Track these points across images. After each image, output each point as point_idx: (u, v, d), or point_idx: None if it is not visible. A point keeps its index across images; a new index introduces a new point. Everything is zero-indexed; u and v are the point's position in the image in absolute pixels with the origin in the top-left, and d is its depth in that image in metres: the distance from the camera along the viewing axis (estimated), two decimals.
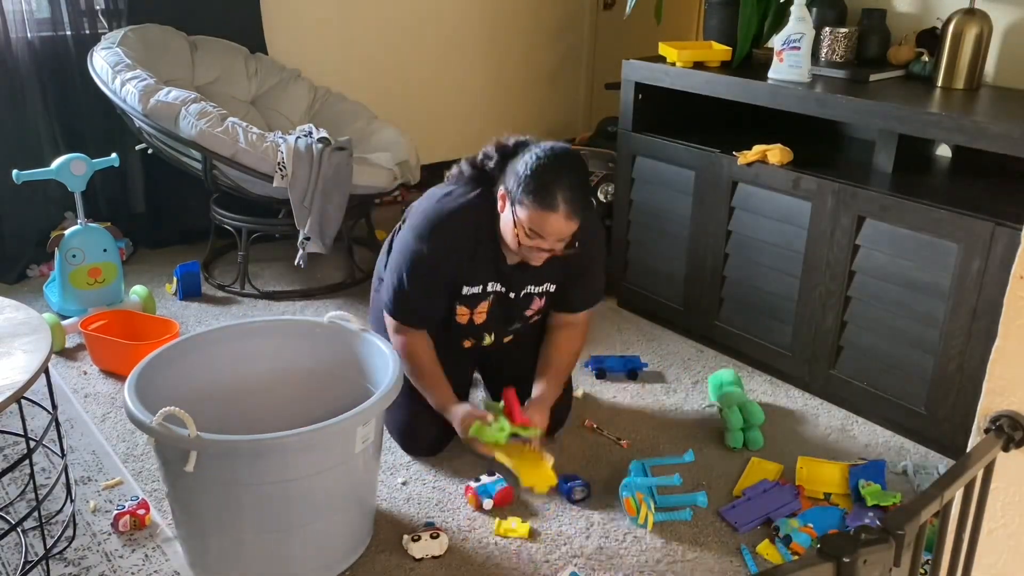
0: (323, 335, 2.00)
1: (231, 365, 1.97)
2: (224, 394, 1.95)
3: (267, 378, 2.01)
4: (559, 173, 1.83)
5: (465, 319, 2.07)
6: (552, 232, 1.85)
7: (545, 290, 2.09)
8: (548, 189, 1.81)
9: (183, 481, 1.64)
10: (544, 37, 4.62)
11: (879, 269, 2.25)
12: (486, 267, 2.02)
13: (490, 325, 2.11)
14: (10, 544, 1.84)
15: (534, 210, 1.82)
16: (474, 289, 2.03)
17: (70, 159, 2.72)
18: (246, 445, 1.58)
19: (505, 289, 2.05)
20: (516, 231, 1.87)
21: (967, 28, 2.37)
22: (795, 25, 2.44)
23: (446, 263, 1.98)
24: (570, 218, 1.83)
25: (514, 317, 2.12)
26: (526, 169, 1.83)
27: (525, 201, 1.83)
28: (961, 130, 2.07)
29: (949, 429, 2.17)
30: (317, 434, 1.60)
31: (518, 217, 1.85)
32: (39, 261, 3.22)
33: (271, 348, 2.01)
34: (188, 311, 2.97)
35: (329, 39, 3.87)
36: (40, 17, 3.13)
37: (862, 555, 0.84)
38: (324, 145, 2.79)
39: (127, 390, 1.67)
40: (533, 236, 1.86)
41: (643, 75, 2.80)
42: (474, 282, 2.02)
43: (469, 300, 2.05)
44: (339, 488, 1.72)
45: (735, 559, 1.87)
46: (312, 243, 2.87)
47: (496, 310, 2.08)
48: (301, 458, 1.62)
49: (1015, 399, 1.11)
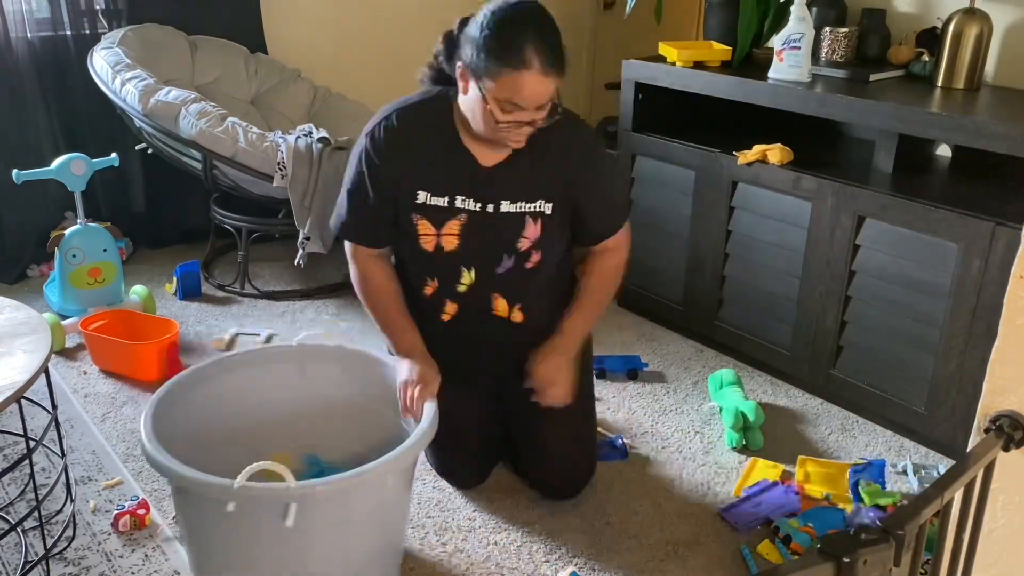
0: (350, 362, 1.88)
1: (251, 394, 1.85)
2: (243, 426, 1.83)
3: (288, 408, 1.88)
4: (523, 24, 1.55)
5: (431, 244, 1.72)
6: (530, 95, 1.55)
7: (539, 210, 1.73)
8: (515, 44, 1.53)
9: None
10: None
11: (879, 269, 2.25)
12: (453, 174, 1.69)
13: (466, 255, 1.74)
14: (10, 544, 1.84)
15: (504, 73, 1.53)
16: (437, 200, 1.70)
17: (70, 159, 2.72)
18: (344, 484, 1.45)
19: (481, 205, 1.71)
20: (488, 108, 1.57)
21: (967, 28, 2.37)
22: (795, 25, 2.44)
23: (396, 157, 1.68)
24: (547, 73, 1.55)
25: (501, 246, 1.74)
26: (482, 31, 1.55)
27: (491, 66, 1.54)
28: (961, 130, 2.07)
29: (949, 429, 2.17)
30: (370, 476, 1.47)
31: (487, 88, 1.56)
32: (39, 261, 3.22)
33: (293, 375, 1.88)
34: (188, 311, 2.97)
35: (329, 39, 3.87)
36: (40, 17, 3.13)
37: (862, 555, 0.84)
38: (324, 145, 2.79)
39: (147, 432, 1.53)
40: (509, 108, 1.56)
41: (643, 75, 2.80)
42: (437, 190, 1.69)
43: (431, 213, 1.70)
44: (378, 526, 1.63)
45: (735, 559, 1.87)
46: (312, 243, 2.87)
47: (472, 235, 1.72)
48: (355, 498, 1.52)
49: (1015, 399, 1.11)
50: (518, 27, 1.54)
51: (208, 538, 1.57)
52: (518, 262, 1.75)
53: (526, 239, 1.73)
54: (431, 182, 1.69)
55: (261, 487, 1.42)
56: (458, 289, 1.77)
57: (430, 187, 1.69)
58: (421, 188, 1.69)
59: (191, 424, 1.72)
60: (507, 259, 1.74)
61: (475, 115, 1.61)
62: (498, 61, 1.53)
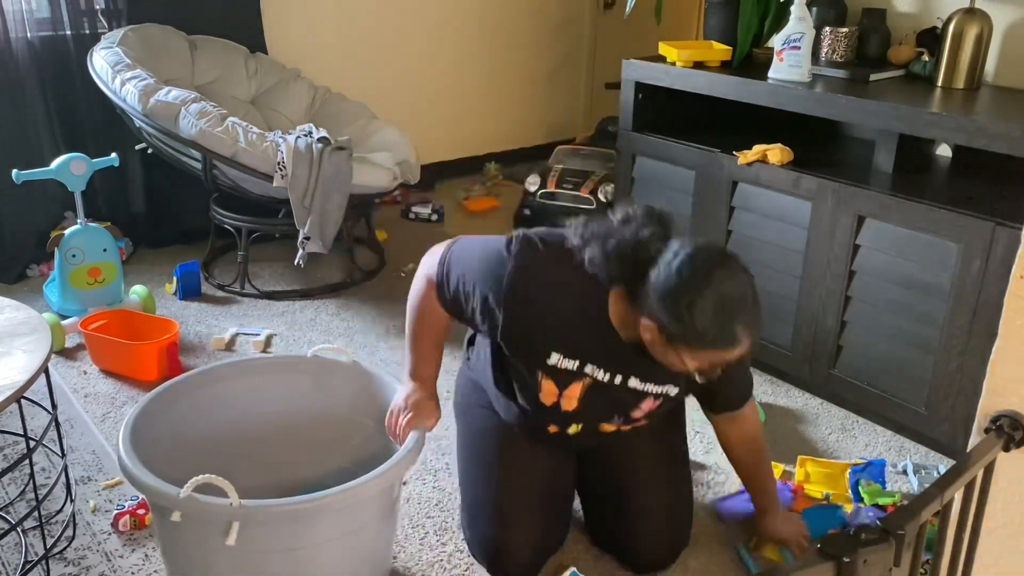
0: (341, 374, 1.84)
1: (236, 406, 1.81)
2: (226, 441, 1.80)
3: (275, 422, 1.84)
4: (728, 299, 1.38)
5: (551, 400, 1.64)
6: (730, 360, 1.45)
7: (664, 392, 1.67)
8: (727, 329, 1.38)
9: (214, 554, 1.46)
10: (544, 37, 4.62)
11: (879, 269, 2.25)
12: (590, 341, 1.57)
13: (581, 416, 1.68)
14: (10, 544, 1.84)
15: (712, 352, 1.42)
16: (568, 363, 1.59)
17: (70, 159, 2.72)
18: (293, 508, 1.42)
19: (610, 377, 1.61)
20: (679, 360, 1.46)
21: (967, 28, 2.37)
22: (795, 25, 2.44)
23: (535, 308, 1.55)
24: (750, 344, 1.43)
25: (614, 413, 1.68)
26: (682, 301, 1.37)
27: (696, 346, 1.41)
28: (961, 130, 2.07)
29: (949, 429, 2.17)
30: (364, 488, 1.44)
31: (686, 358, 1.44)
32: (39, 261, 3.22)
33: (282, 387, 1.85)
34: (188, 311, 2.97)
35: (329, 39, 3.87)
36: (40, 17, 3.13)
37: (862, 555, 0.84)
38: (324, 145, 2.79)
39: (124, 444, 1.50)
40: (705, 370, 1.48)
41: (643, 75, 2.80)
42: (570, 353, 1.58)
43: (558, 376, 1.61)
44: (366, 549, 1.60)
45: (735, 559, 1.87)
46: (312, 243, 2.87)
47: (592, 400, 1.65)
48: (342, 517, 1.48)
49: (1015, 399, 1.11)
50: (729, 308, 1.38)
51: (166, 546, 1.57)
52: (626, 423, 1.72)
53: (640, 411, 1.69)
54: (566, 344, 1.58)
55: (205, 500, 1.38)
56: (568, 431, 1.73)
57: (564, 349, 1.58)
58: (555, 350, 1.58)
59: (178, 431, 1.71)
60: (617, 419, 1.70)
61: (669, 365, 1.49)
62: (710, 344, 1.40)
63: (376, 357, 2.68)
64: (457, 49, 4.36)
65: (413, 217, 3.93)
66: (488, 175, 4.50)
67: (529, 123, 4.79)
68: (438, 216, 3.93)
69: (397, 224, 3.86)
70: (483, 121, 4.61)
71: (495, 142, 4.68)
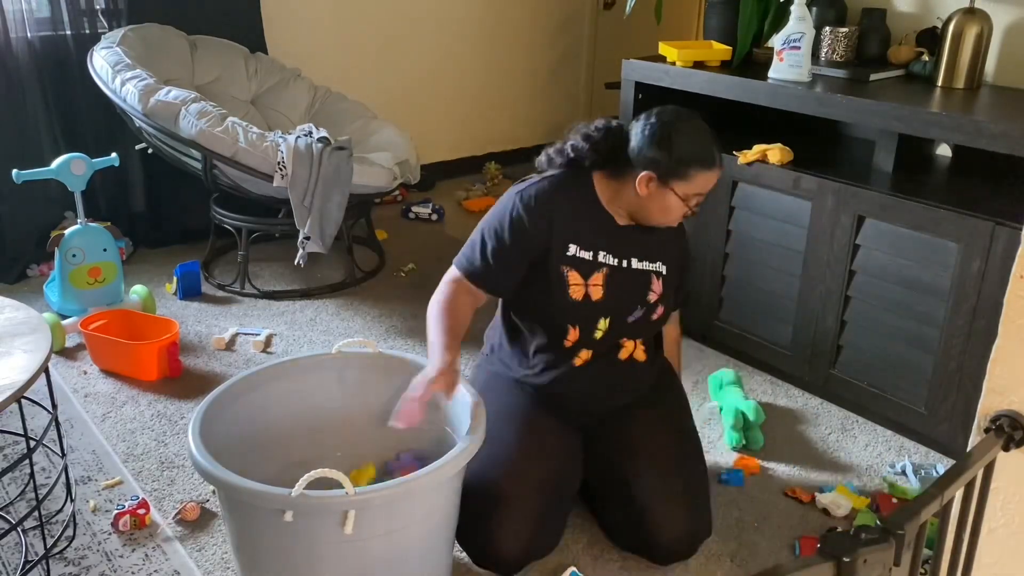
0: (396, 369, 1.84)
1: (295, 402, 1.84)
2: (286, 433, 1.82)
3: (336, 415, 1.87)
4: (699, 130, 1.76)
5: (580, 294, 1.81)
6: (713, 186, 1.78)
7: (659, 270, 1.89)
8: (705, 149, 1.73)
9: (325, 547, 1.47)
10: (544, 37, 4.63)
11: (879, 269, 2.25)
12: (595, 230, 1.83)
13: (606, 305, 1.83)
14: (10, 544, 1.84)
15: (702, 174, 1.73)
16: (585, 254, 1.82)
17: (70, 159, 2.72)
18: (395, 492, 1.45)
19: (617, 260, 1.85)
20: (679, 203, 1.75)
21: (967, 28, 2.37)
22: (795, 25, 2.44)
23: (547, 217, 1.79)
24: (722, 167, 1.78)
25: (635, 299, 1.86)
26: (669, 140, 1.72)
27: (689, 172, 1.72)
28: (961, 130, 2.07)
29: (949, 429, 2.17)
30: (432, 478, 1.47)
31: (679, 189, 1.73)
32: (39, 261, 3.23)
33: (343, 382, 1.88)
34: (188, 311, 2.97)
35: (329, 39, 3.87)
36: (40, 17, 3.13)
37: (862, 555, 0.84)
38: (324, 145, 2.79)
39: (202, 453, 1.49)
40: (694, 199, 1.77)
41: (643, 75, 2.80)
42: (584, 244, 1.82)
43: (580, 265, 1.81)
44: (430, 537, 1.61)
45: (735, 559, 1.87)
46: (312, 242, 2.87)
47: (613, 287, 1.84)
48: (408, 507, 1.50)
49: (1015, 399, 1.11)
50: (698, 133, 1.75)
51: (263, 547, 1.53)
52: (646, 313, 1.88)
53: (654, 293, 1.88)
54: (579, 237, 1.82)
55: (319, 495, 1.39)
56: (595, 336, 1.85)
57: (578, 241, 1.82)
58: (571, 242, 1.82)
59: (233, 432, 1.70)
60: (638, 310, 1.87)
61: (663, 211, 1.78)
62: (697, 166, 1.73)
63: None
64: (457, 49, 4.36)
65: (413, 217, 3.93)
66: (488, 175, 4.50)
67: (529, 123, 4.79)
68: (438, 216, 3.93)
69: (397, 224, 3.86)
70: (483, 121, 4.61)
71: (495, 142, 4.68)
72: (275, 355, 2.68)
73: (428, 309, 1.79)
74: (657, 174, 1.73)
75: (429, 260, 3.46)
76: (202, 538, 1.89)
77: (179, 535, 1.89)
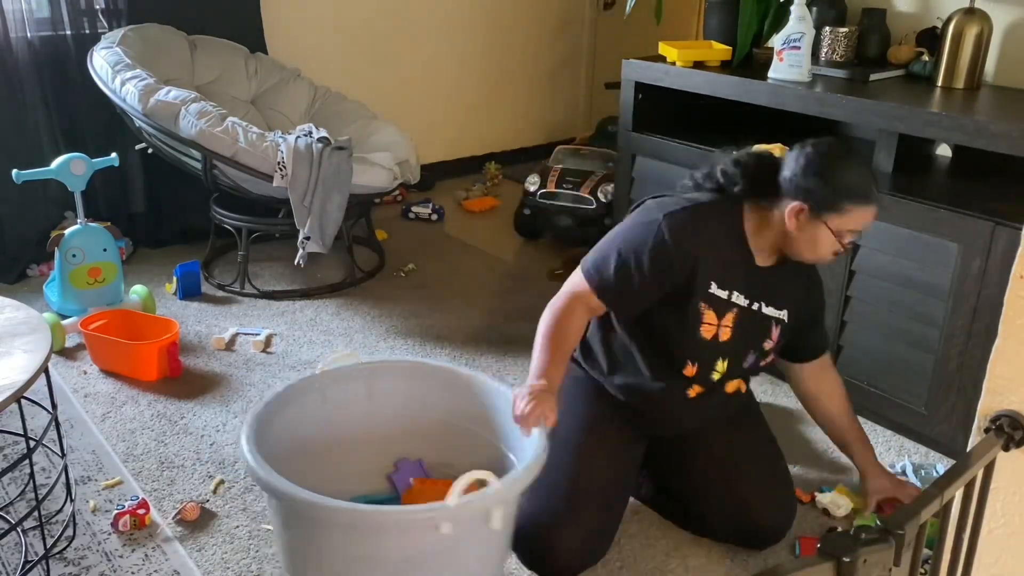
0: (456, 382, 1.85)
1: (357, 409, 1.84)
2: (343, 441, 1.83)
3: (392, 425, 1.87)
4: (857, 163, 1.71)
5: (710, 333, 1.78)
6: (869, 222, 1.72)
7: (782, 317, 1.85)
8: (865, 184, 1.68)
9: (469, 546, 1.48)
10: (544, 37, 4.62)
11: (879, 269, 2.25)
12: (735, 270, 1.78)
13: (732, 348, 1.81)
14: (10, 544, 1.84)
15: (858, 209, 1.68)
16: (721, 292, 1.77)
17: (70, 159, 2.72)
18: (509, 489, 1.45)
19: (750, 302, 1.80)
20: (831, 239, 1.70)
21: (967, 28, 2.37)
22: (795, 25, 2.44)
23: (695, 245, 1.73)
24: (879, 204, 1.73)
25: (753, 344, 1.84)
26: (827, 172, 1.67)
27: (844, 205, 1.67)
28: (961, 130, 2.07)
29: (949, 429, 2.17)
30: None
31: (833, 224, 1.68)
32: (39, 261, 3.22)
33: (401, 391, 1.87)
34: (188, 311, 2.97)
35: (329, 39, 3.87)
36: (40, 17, 3.13)
37: (862, 555, 0.84)
38: (324, 145, 2.79)
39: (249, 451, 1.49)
40: (847, 235, 1.71)
41: (643, 75, 2.80)
42: (723, 283, 1.77)
43: (717, 304, 1.77)
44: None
45: (735, 559, 1.87)
46: (312, 243, 2.87)
47: (740, 329, 1.80)
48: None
49: (1015, 399, 1.11)
50: (859, 168, 1.70)
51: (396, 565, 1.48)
52: (757, 359, 1.86)
53: (771, 341, 1.85)
54: (719, 274, 1.77)
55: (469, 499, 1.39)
56: (712, 376, 1.83)
57: (718, 279, 1.77)
58: (714, 279, 1.76)
59: (292, 438, 1.70)
60: (752, 355, 1.85)
61: (814, 246, 1.72)
62: (856, 201, 1.67)
63: (376, 357, 2.68)
64: (457, 49, 4.36)
65: (413, 217, 3.93)
66: (488, 175, 4.50)
67: (529, 123, 4.79)
68: (438, 216, 3.93)
69: (397, 224, 3.86)
70: (483, 121, 4.60)
71: (495, 142, 4.68)
72: (275, 355, 2.68)
73: (542, 318, 1.78)
74: (810, 205, 1.68)
75: (429, 260, 3.46)
76: (202, 538, 1.89)
77: (179, 535, 1.89)
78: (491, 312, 3.03)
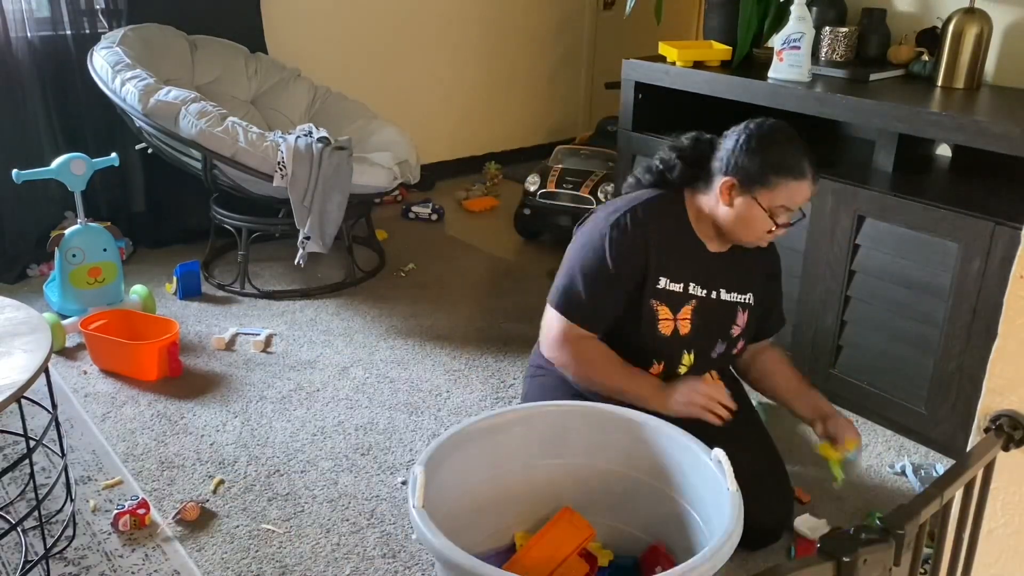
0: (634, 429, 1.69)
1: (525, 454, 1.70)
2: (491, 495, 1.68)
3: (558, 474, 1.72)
4: (790, 139, 1.70)
5: (669, 328, 1.79)
6: (800, 201, 1.71)
7: (747, 302, 1.86)
8: (794, 157, 1.68)
9: None
10: (544, 37, 4.62)
11: (879, 269, 2.25)
12: (686, 261, 1.80)
13: (692, 339, 1.82)
14: (10, 544, 1.84)
15: (787, 184, 1.68)
16: (675, 286, 1.79)
17: (70, 159, 2.72)
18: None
19: (707, 291, 1.82)
20: (763, 215, 1.70)
21: (967, 28, 2.37)
22: (795, 25, 2.44)
23: (642, 247, 1.75)
24: (815, 181, 1.72)
25: (719, 332, 1.85)
26: (757, 147, 1.68)
27: (773, 179, 1.68)
28: (961, 130, 2.07)
29: (949, 429, 2.17)
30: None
31: (763, 199, 1.69)
32: (39, 261, 3.22)
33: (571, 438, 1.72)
34: (188, 310, 2.97)
35: (329, 39, 3.87)
36: (40, 16, 3.13)
37: (862, 554, 0.84)
38: (324, 144, 2.79)
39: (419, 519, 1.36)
40: (779, 214, 1.71)
41: (643, 75, 2.80)
42: (674, 276, 1.79)
43: (670, 298, 1.79)
44: None
45: (734, 559, 1.86)
46: (312, 242, 2.87)
47: (700, 321, 1.81)
48: None
49: (1015, 399, 1.11)
50: (788, 142, 1.70)
51: None
52: (728, 347, 1.87)
53: (737, 327, 1.86)
54: (669, 268, 1.78)
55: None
56: (678, 371, 1.83)
57: (668, 273, 1.78)
58: (662, 274, 1.78)
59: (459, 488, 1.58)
60: (720, 344, 1.86)
61: (746, 223, 1.73)
62: (783, 174, 1.68)
63: (376, 357, 2.68)
64: (457, 49, 4.36)
65: (413, 217, 3.93)
66: (488, 175, 4.50)
67: (529, 123, 4.79)
68: (438, 216, 3.93)
69: (397, 224, 3.86)
70: (483, 121, 4.61)
71: (495, 142, 4.68)
72: (275, 355, 2.68)
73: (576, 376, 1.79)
74: (739, 179, 1.69)
75: (429, 260, 3.46)
76: (202, 538, 1.89)
77: (179, 535, 1.89)
78: (491, 312, 3.04)
